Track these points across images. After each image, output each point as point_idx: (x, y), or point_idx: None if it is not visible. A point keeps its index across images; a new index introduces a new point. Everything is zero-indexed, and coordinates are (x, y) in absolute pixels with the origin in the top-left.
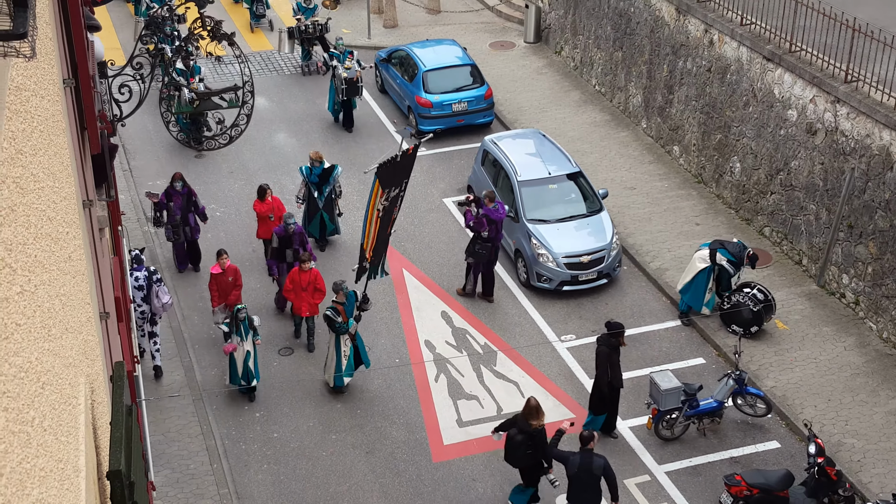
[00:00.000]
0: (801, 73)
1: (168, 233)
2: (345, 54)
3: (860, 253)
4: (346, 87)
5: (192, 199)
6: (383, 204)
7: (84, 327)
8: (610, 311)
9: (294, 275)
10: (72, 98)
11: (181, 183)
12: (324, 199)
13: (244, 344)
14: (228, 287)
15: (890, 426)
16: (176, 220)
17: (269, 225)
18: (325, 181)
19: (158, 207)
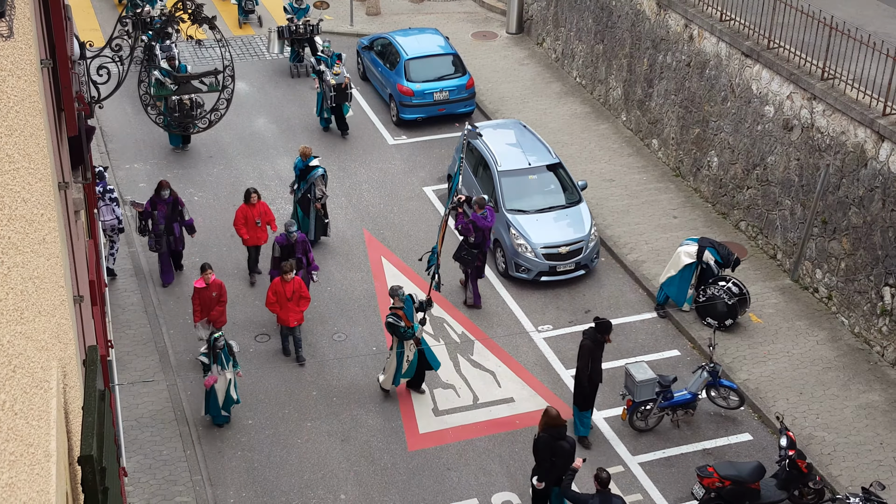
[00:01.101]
0: (779, 70)
1: (151, 242)
2: (332, 58)
3: (833, 248)
4: (334, 93)
5: (179, 208)
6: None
7: (57, 310)
8: (587, 303)
9: (277, 286)
10: (49, 79)
11: (168, 191)
12: (300, 194)
13: (225, 373)
14: (212, 302)
15: (860, 420)
16: (160, 229)
17: (255, 231)
18: (303, 178)
19: (143, 216)
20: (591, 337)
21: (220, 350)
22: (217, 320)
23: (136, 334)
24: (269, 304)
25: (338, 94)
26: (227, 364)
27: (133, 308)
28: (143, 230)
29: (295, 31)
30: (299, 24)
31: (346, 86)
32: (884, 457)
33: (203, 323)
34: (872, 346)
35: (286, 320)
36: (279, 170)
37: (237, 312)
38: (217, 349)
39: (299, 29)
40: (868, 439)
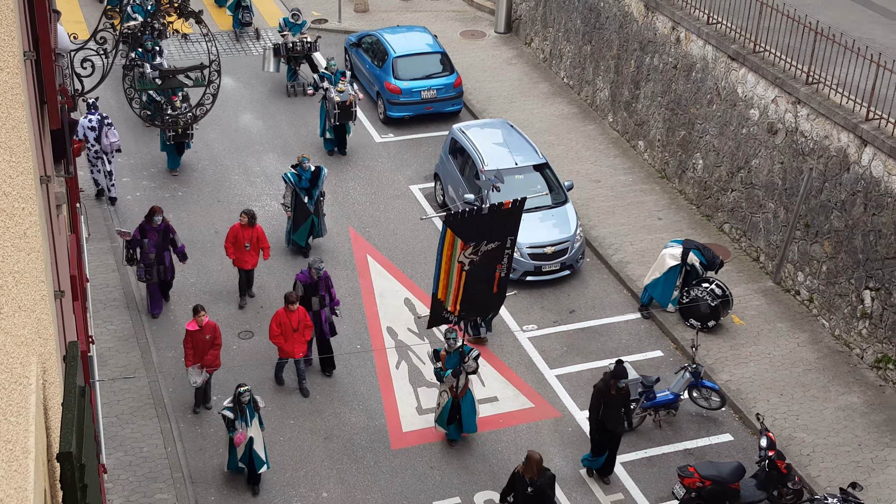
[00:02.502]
0: (764, 74)
1: (140, 272)
2: (337, 75)
3: (815, 252)
4: (338, 111)
5: (171, 236)
6: (469, 258)
7: (38, 306)
8: (572, 303)
9: (281, 317)
10: (32, 71)
11: (160, 217)
12: (314, 204)
13: (249, 429)
14: (205, 346)
15: (839, 422)
16: (150, 258)
17: (242, 254)
18: (315, 185)
19: (131, 245)
20: (604, 379)
21: (245, 405)
22: (211, 364)
23: (117, 330)
24: (273, 336)
25: (342, 112)
26: (251, 420)
27: (115, 304)
28: (130, 259)
29: (292, 48)
30: (296, 41)
31: (350, 104)
32: (862, 458)
33: (195, 368)
34: (852, 348)
35: (291, 352)
36: (265, 166)
37: (220, 310)
38: (242, 404)
39: (296, 46)
40: (846, 441)
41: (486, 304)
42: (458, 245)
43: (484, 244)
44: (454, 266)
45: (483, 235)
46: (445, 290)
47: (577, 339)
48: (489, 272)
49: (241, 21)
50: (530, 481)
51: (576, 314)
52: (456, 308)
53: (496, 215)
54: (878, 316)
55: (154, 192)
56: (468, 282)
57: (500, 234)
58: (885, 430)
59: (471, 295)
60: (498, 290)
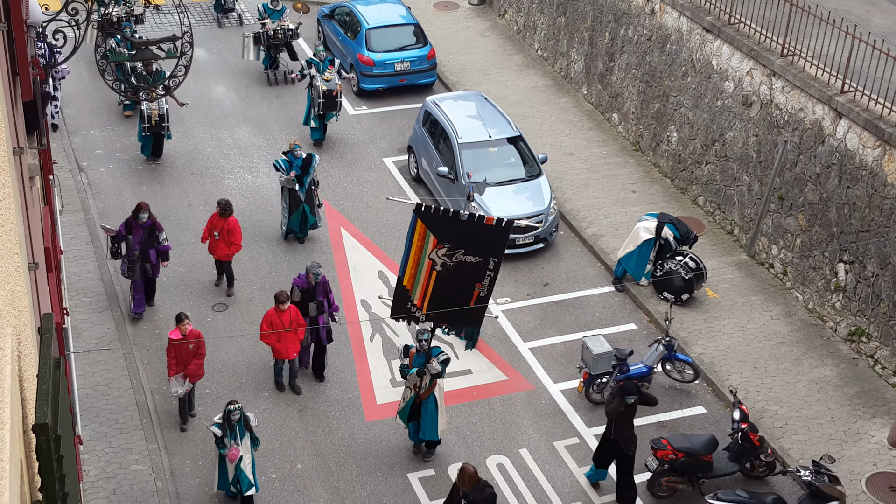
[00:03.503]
0: (739, 46)
1: (123, 268)
2: (325, 63)
3: (790, 225)
4: (323, 101)
5: (156, 233)
6: (441, 258)
7: (12, 277)
8: (545, 275)
9: (272, 317)
10: (3, 43)
11: (147, 214)
12: (305, 191)
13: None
14: (189, 355)
15: (812, 394)
16: (134, 254)
17: (213, 242)
18: (306, 172)
19: (116, 240)
20: (612, 404)
21: (235, 423)
22: (194, 374)
23: (92, 302)
24: (264, 337)
25: (326, 101)
26: (241, 438)
27: (89, 276)
28: (115, 253)
29: (273, 36)
30: (276, 28)
31: (336, 93)
32: (834, 430)
33: (178, 378)
34: (826, 321)
35: (285, 352)
36: (238, 138)
37: (193, 281)
38: (232, 421)
39: (277, 34)
40: (819, 413)
41: (461, 314)
42: (431, 240)
43: (461, 252)
44: (424, 260)
45: (460, 242)
46: (412, 281)
47: (551, 312)
48: (466, 284)
49: (223, 6)
50: (464, 494)
51: (549, 287)
52: (423, 304)
53: (476, 227)
54: (852, 289)
55: (127, 164)
56: (438, 282)
57: (482, 251)
58: (857, 402)
59: (441, 296)
60: (475, 306)
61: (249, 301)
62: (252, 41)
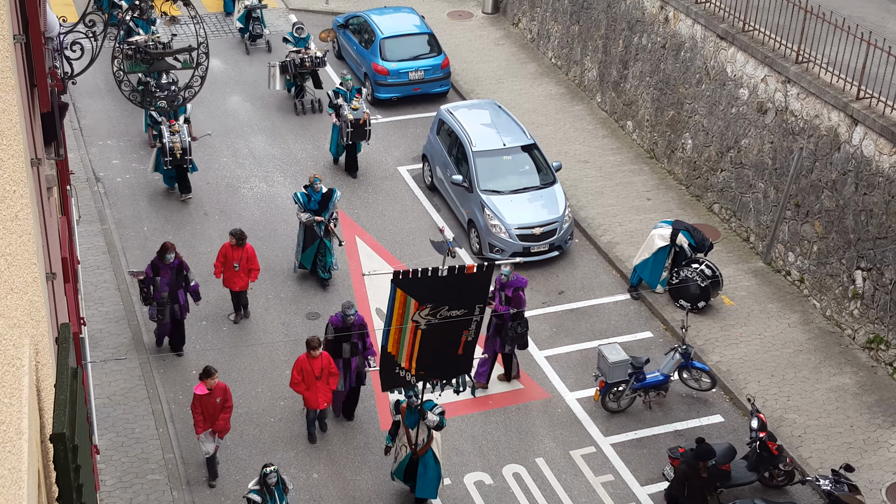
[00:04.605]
0: (754, 53)
1: (152, 311)
2: (352, 92)
3: (806, 232)
4: (351, 130)
5: (184, 272)
6: (425, 318)
7: (30, 287)
8: (561, 284)
9: (303, 363)
10: (22, 54)
11: (173, 255)
12: (323, 227)
13: None
14: (216, 410)
15: (830, 402)
16: (162, 297)
17: (231, 274)
18: (325, 207)
19: (145, 283)
20: (688, 461)
21: (272, 486)
22: (223, 429)
23: (108, 312)
24: (294, 384)
25: (355, 130)
26: (280, 503)
27: (106, 285)
28: (146, 299)
29: (300, 64)
30: (304, 57)
31: (364, 122)
32: (853, 439)
33: (207, 434)
34: (844, 329)
35: (314, 402)
36: (253, 148)
37: (209, 291)
38: (269, 486)
39: (305, 62)
40: (838, 422)
41: (450, 365)
42: (412, 305)
43: (445, 309)
44: (407, 324)
45: (442, 299)
46: (397, 346)
47: (566, 320)
48: (453, 335)
49: (251, 33)
50: None
51: (565, 295)
52: (412, 366)
53: (457, 280)
54: (870, 296)
55: (143, 174)
56: (424, 339)
57: (467, 302)
58: (876, 411)
59: (428, 354)
60: (464, 353)
61: (265, 311)
62: (279, 70)
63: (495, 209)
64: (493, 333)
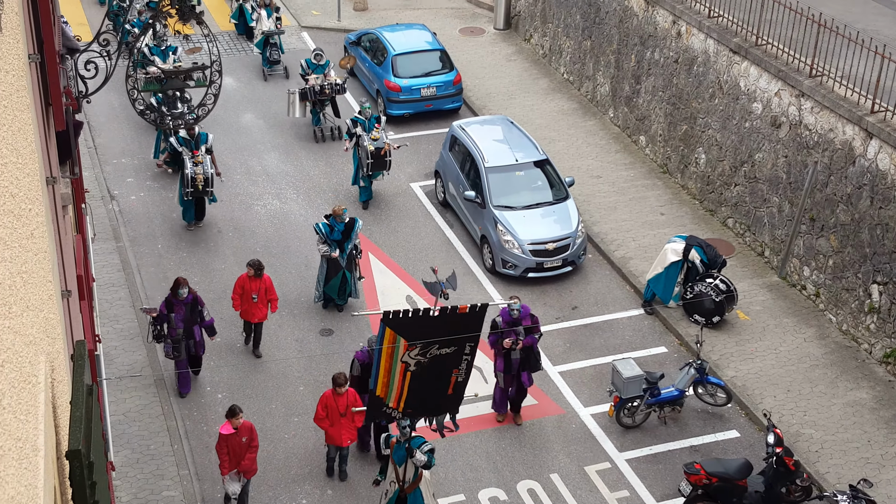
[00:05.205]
0: (767, 67)
1: (167, 349)
2: (371, 121)
3: (821, 246)
4: (372, 161)
5: (199, 308)
6: (415, 359)
7: (45, 305)
8: (574, 299)
9: (328, 399)
10: (37, 73)
11: (186, 290)
12: (346, 257)
13: None
14: (242, 449)
15: (847, 418)
16: (178, 334)
17: (250, 305)
18: (348, 237)
19: (158, 321)
20: None
21: None
22: (248, 469)
23: (123, 329)
24: (318, 419)
25: (375, 161)
26: None
27: (120, 302)
28: (158, 337)
29: (320, 91)
30: (323, 84)
31: (385, 152)
32: (871, 454)
33: (232, 475)
34: (860, 343)
35: (338, 439)
36: (266, 165)
37: (223, 310)
38: None
39: (325, 89)
40: (856, 437)
41: (438, 404)
42: (401, 344)
43: (435, 348)
44: (396, 365)
45: (432, 338)
46: (386, 389)
47: (580, 335)
48: (443, 375)
49: (269, 59)
50: None
51: (578, 310)
52: (400, 405)
53: (449, 320)
54: (887, 310)
55: (157, 192)
56: (413, 382)
57: (457, 340)
58: (894, 425)
59: (417, 395)
60: (454, 393)
61: (278, 327)
62: (298, 97)
63: (508, 225)
64: (518, 369)
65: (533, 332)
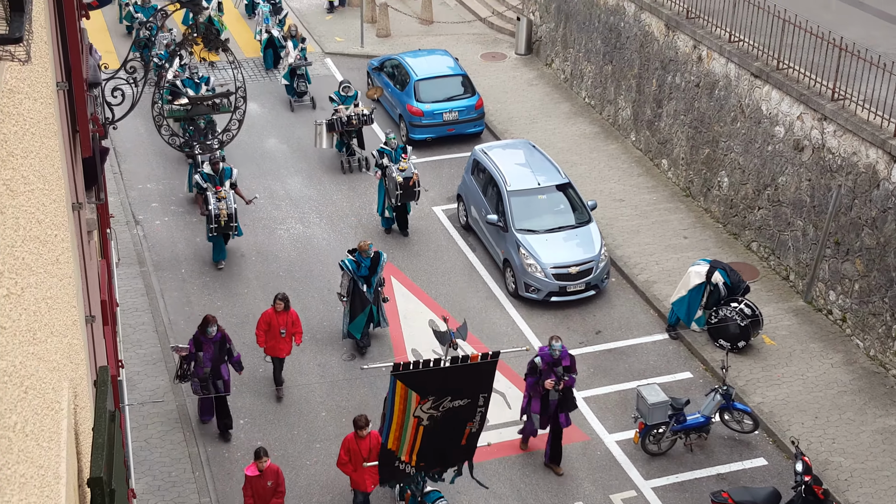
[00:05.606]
0: (789, 91)
1: (195, 387)
2: (398, 151)
3: (847, 270)
4: (401, 192)
5: (227, 345)
6: (427, 412)
7: (69, 331)
8: (598, 323)
9: (350, 443)
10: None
11: (215, 328)
12: (372, 292)
13: None
14: (267, 494)
15: (877, 445)
16: (205, 372)
17: (278, 341)
18: (374, 272)
19: (186, 359)
20: None
21: None
22: None
23: (146, 354)
24: (341, 464)
25: (404, 192)
26: None
27: (144, 327)
28: (184, 376)
29: (347, 122)
30: (351, 115)
31: (414, 182)
32: None
33: None
34: (888, 369)
35: (362, 484)
36: (290, 190)
37: (247, 333)
38: None
39: (352, 120)
40: (885, 465)
41: (451, 456)
42: (413, 398)
43: (448, 400)
44: (409, 420)
45: (446, 391)
46: (398, 442)
47: (604, 360)
48: (456, 427)
49: (296, 90)
50: None
51: (602, 335)
52: (413, 458)
53: (461, 371)
54: None
55: (181, 217)
56: (427, 436)
57: (471, 391)
58: None
59: (430, 446)
60: (467, 443)
61: (300, 352)
62: (325, 129)
63: (531, 248)
64: (555, 410)
65: (572, 372)
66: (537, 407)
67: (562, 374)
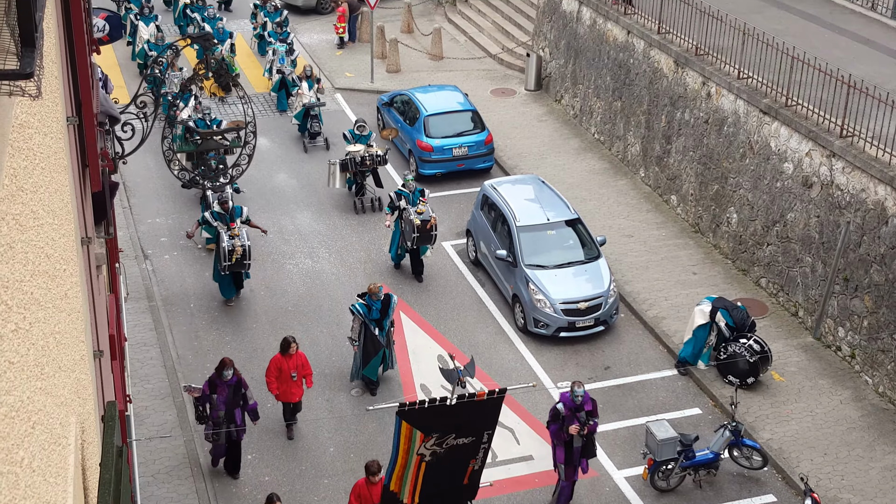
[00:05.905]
0: (798, 127)
1: (208, 431)
2: (416, 194)
3: (856, 306)
4: (418, 235)
5: (242, 390)
6: (431, 449)
7: (77, 366)
8: (607, 359)
9: (362, 489)
10: (74, 135)
11: (231, 371)
12: (385, 335)
13: None
14: None
15: (886, 482)
16: (219, 416)
17: (289, 385)
18: (385, 314)
19: (201, 401)
20: None
21: None
22: None
23: (154, 388)
24: None
25: (421, 235)
26: None
27: (152, 362)
28: (202, 417)
29: (361, 162)
30: (365, 155)
31: (431, 226)
32: None
33: None
34: None
35: None
36: (299, 225)
37: (255, 368)
38: None
39: (366, 161)
40: (894, 502)
41: (453, 493)
42: (418, 437)
43: (452, 437)
44: (412, 459)
45: (450, 428)
46: (400, 482)
47: (613, 396)
48: (460, 464)
49: (309, 131)
50: None
51: (611, 371)
52: (415, 499)
53: (467, 408)
54: None
55: (190, 252)
56: (429, 472)
57: (475, 429)
58: None
59: (431, 484)
60: (469, 482)
61: None
62: (338, 168)
63: (540, 284)
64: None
65: (594, 416)
66: (562, 457)
67: (585, 419)
